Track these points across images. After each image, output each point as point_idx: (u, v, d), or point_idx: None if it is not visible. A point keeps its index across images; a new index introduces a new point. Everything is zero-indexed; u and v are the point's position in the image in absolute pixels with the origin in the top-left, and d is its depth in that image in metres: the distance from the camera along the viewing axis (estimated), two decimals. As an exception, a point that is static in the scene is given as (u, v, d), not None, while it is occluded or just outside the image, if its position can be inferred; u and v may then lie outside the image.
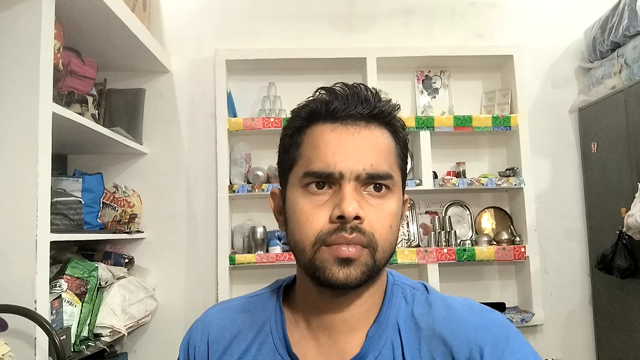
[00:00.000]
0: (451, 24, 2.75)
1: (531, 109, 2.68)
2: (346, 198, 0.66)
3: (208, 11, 2.66)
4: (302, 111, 0.74)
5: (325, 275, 0.67)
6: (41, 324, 1.41)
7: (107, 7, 1.81)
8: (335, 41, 2.67)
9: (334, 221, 0.67)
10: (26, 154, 1.48)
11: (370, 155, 0.69)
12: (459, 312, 0.72)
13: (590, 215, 2.64)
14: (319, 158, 0.69)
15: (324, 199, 0.69)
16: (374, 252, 0.68)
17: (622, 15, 2.27)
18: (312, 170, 0.69)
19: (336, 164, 0.68)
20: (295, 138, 0.73)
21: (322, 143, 0.70)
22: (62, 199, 1.88)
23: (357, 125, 0.70)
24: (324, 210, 0.68)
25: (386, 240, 0.69)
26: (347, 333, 0.73)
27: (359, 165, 0.68)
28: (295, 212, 0.70)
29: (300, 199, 0.70)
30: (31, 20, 1.51)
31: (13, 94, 1.49)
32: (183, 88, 2.61)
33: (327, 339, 0.73)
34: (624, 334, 2.35)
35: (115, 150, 2.41)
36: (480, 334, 0.69)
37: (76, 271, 1.87)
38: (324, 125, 0.71)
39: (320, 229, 0.67)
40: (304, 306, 0.76)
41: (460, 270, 2.61)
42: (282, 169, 0.76)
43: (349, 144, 0.69)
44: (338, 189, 0.68)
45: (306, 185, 0.70)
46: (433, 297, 0.75)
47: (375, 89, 0.73)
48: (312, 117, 0.72)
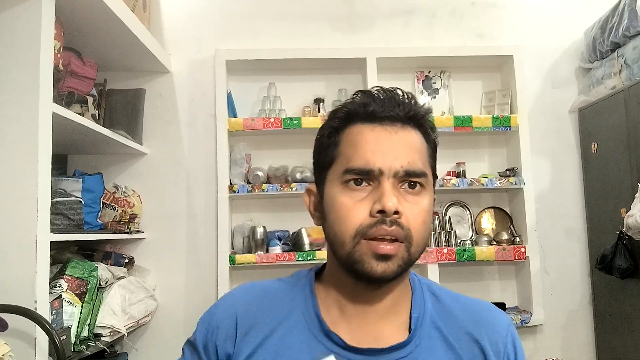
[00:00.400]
0: (451, 24, 2.75)
1: (531, 109, 2.68)
2: (386, 193, 0.71)
3: (208, 11, 2.66)
4: (340, 112, 0.78)
5: (364, 268, 0.71)
6: (41, 324, 1.41)
7: (107, 7, 1.81)
8: (335, 41, 2.67)
9: (374, 215, 0.71)
10: (26, 154, 1.48)
11: (407, 154, 0.73)
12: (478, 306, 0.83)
13: (590, 215, 2.64)
14: (358, 155, 0.73)
15: (363, 195, 0.73)
16: (409, 246, 0.72)
17: (622, 15, 2.27)
18: (352, 167, 0.73)
19: (375, 162, 0.72)
20: (334, 138, 0.77)
21: (361, 142, 0.74)
22: (62, 199, 1.88)
23: (394, 126, 0.75)
24: (364, 205, 0.72)
25: (421, 235, 0.74)
26: (379, 321, 0.77)
27: (397, 163, 0.72)
28: (335, 207, 0.74)
29: (340, 194, 0.74)
30: (31, 20, 1.51)
31: (13, 94, 1.49)
32: (183, 88, 2.61)
33: (359, 326, 0.77)
34: (624, 334, 2.35)
35: (115, 151, 2.41)
36: (505, 330, 0.80)
37: (76, 271, 1.87)
38: (362, 125, 0.75)
39: (360, 222, 0.71)
40: (337, 294, 0.79)
41: (460, 271, 2.61)
42: (319, 167, 0.80)
43: (387, 143, 0.73)
44: (377, 185, 0.72)
45: (346, 182, 0.73)
46: (455, 294, 0.84)
47: (411, 93, 0.78)
48: (351, 117, 0.77)
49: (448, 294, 0.83)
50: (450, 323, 0.79)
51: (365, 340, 0.75)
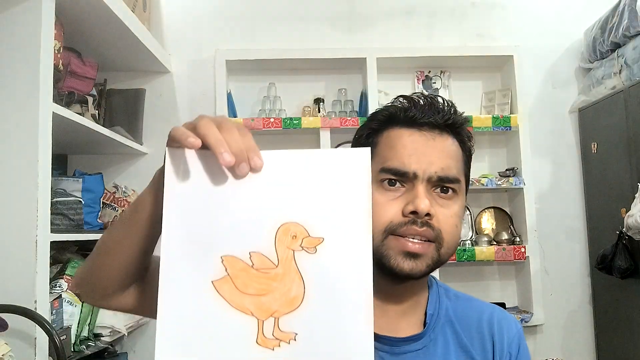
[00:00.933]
0: (451, 24, 2.75)
1: (531, 109, 2.68)
2: (420, 195, 0.73)
3: (208, 12, 2.66)
4: (381, 114, 0.81)
5: (391, 263, 0.73)
6: (41, 324, 1.41)
7: (107, 7, 1.81)
8: (335, 41, 2.67)
9: (406, 215, 0.73)
10: (26, 154, 1.48)
11: (442, 160, 0.76)
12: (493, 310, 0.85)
13: (590, 216, 2.64)
14: (396, 157, 0.75)
15: (396, 195, 0.75)
16: (439, 247, 0.74)
17: (622, 15, 2.27)
18: (389, 167, 0.75)
19: (412, 165, 0.74)
20: (372, 138, 0.80)
21: (399, 145, 0.76)
22: (62, 199, 1.88)
23: (432, 132, 0.77)
24: (396, 204, 0.74)
25: (452, 237, 0.76)
26: (398, 315, 0.80)
27: (432, 168, 0.74)
28: None
29: (375, 192, 0.75)
30: (31, 20, 1.51)
31: (13, 94, 1.49)
32: (183, 88, 2.61)
33: (379, 318, 0.78)
34: (624, 334, 2.35)
35: (116, 151, 2.41)
36: (515, 332, 0.83)
37: (76, 271, 1.87)
38: (401, 129, 0.78)
39: (390, 219, 0.73)
40: None
41: (460, 271, 2.61)
42: None
43: (424, 148, 0.76)
44: (411, 187, 0.75)
45: (381, 181, 0.76)
46: (468, 297, 0.87)
47: (450, 101, 0.80)
48: (390, 121, 0.79)
49: (462, 295, 0.87)
50: (464, 322, 0.82)
51: (384, 329, 0.78)
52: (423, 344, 0.78)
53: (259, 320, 0.57)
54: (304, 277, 0.57)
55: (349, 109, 2.60)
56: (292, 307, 0.57)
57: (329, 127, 2.45)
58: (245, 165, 0.56)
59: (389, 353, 0.77)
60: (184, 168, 0.58)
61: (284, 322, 0.57)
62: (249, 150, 0.57)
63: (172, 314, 0.56)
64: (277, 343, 0.57)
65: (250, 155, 0.57)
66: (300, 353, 0.57)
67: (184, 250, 0.57)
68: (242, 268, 0.57)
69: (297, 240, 0.58)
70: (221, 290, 0.57)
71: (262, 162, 0.57)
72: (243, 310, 0.57)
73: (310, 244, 0.57)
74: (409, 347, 0.78)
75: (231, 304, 0.57)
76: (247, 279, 0.57)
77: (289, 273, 0.57)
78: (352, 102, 2.62)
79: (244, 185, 0.57)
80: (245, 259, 0.57)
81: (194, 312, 0.57)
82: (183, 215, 0.57)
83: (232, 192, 0.57)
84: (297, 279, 0.57)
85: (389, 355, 0.77)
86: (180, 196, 0.57)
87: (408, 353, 0.77)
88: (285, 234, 0.58)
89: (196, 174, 0.57)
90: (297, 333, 0.57)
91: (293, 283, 0.57)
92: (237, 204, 0.58)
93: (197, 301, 0.57)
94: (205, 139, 0.56)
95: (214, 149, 0.55)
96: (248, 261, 0.57)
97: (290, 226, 0.58)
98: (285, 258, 0.57)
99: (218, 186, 0.57)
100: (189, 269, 0.57)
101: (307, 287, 0.57)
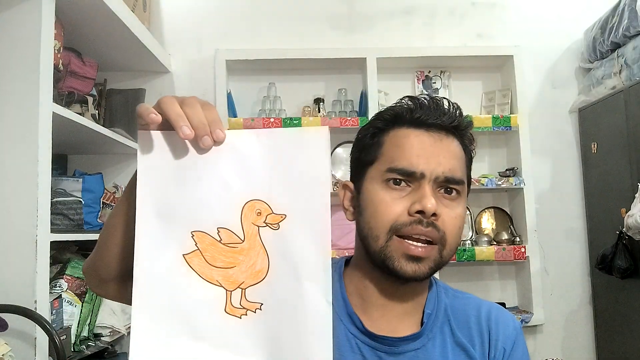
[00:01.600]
0: (451, 24, 2.74)
1: (531, 109, 2.68)
2: (427, 195, 0.73)
3: (208, 11, 2.66)
4: (386, 114, 0.81)
5: (394, 265, 0.74)
6: (41, 324, 1.41)
7: (107, 7, 1.81)
8: (335, 41, 2.67)
9: (412, 215, 0.73)
10: (26, 154, 1.48)
11: (449, 161, 0.76)
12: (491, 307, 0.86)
13: (590, 216, 2.64)
14: (404, 157, 0.76)
15: (402, 194, 0.75)
16: (442, 248, 0.75)
17: (622, 15, 2.27)
18: (397, 167, 0.76)
19: (420, 165, 0.75)
20: (377, 138, 0.80)
21: (407, 145, 0.77)
22: (62, 199, 1.88)
23: (439, 134, 0.77)
24: (402, 203, 0.75)
25: (454, 239, 0.77)
26: (399, 316, 0.81)
27: (439, 168, 0.75)
28: (373, 201, 0.77)
29: (380, 191, 0.77)
30: (31, 20, 1.51)
31: (13, 94, 1.49)
32: (183, 88, 2.61)
33: (380, 318, 0.80)
34: (624, 334, 2.35)
35: (116, 150, 2.41)
36: (512, 329, 0.83)
37: (76, 271, 1.87)
38: (407, 129, 0.78)
39: (396, 218, 0.74)
40: (363, 287, 0.82)
41: (460, 270, 2.61)
42: (359, 164, 0.82)
43: (432, 149, 0.76)
44: (417, 187, 0.75)
45: (387, 180, 0.76)
46: (467, 295, 0.88)
47: (456, 104, 0.80)
48: (396, 120, 0.80)
49: (461, 293, 0.88)
50: (462, 319, 0.82)
51: (382, 329, 0.79)
52: (421, 343, 0.79)
53: (227, 291, 0.61)
54: (268, 252, 0.61)
55: (349, 109, 2.60)
56: (258, 279, 0.61)
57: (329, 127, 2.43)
58: (208, 138, 0.58)
59: (387, 353, 0.78)
60: (154, 149, 0.61)
61: (251, 293, 0.61)
62: (212, 124, 0.58)
63: (147, 285, 0.60)
64: (244, 312, 0.61)
65: (213, 128, 0.58)
66: (265, 320, 0.61)
67: (157, 226, 0.61)
68: (211, 242, 0.61)
69: (261, 217, 0.61)
70: (192, 263, 0.61)
71: (225, 134, 0.60)
72: (212, 281, 0.61)
73: (273, 220, 0.61)
74: (407, 347, 0.78)
75: (201, 275, 0.61)
76: (216, 253, 0.61)
77: (254, 247, 0.61)
78: (352, 102, 2.62)
79: (211, 163, 0.61)
80: (213, 234, 0.61)
81: (167, 284, 0.60)
82: (155, 193, 0.61)
83: (200, 170, 0.61)
84: (261, 253, 0.61)
85: (387, 355, 0.78)
86: (152, 176, 0.61)
87: (406, 352, 0.78)
88: (251, 211, 0.61)
89: (165, 154, 0.61)
90: (263, 303, 0.61)
91: (258, 257, 0.61)
92: (205, 181, 0.61)
93: (169, 273, 0.61)
94: (166, 114, 0.58)
95: (173, 123, 0.57)
96: (216, 236, 0.61)
97: (255, 203, 0.61)
98: (251, 233, 0.61)
99: (187, 164, 0.61)
100: (161, 243, 0.60)
101: (271, 261, 0.61)
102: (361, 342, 0.78)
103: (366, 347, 0.78)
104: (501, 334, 0.82)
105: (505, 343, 0.81)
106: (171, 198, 0.61)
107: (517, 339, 0.83)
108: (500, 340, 0.81)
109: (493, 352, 0.81)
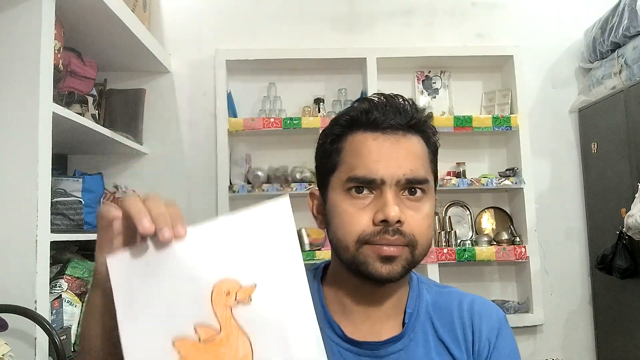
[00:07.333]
0: (451, 24, 2.75)
1: (531, 109, 2.68)
2: (389, 203, 0.72)
3: (208, 11, 2.66)
4: (342, 119, 0.79)
5: (369, 270, 0.73)
6: (41, 324, 1.41)
7: (107, 7, 1.81)
8: (335, 41, 2.67)
9: (377, 224, 0.72)
10: (26, 154, 1.47)
11: (409, 162, 0.74)
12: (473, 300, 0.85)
13: (590, 216, 2.64)
14: (362, 165, 0.74)
15: (365, 203, 0.74)
16: (413, 249, 0.74)
17: (622, 15, 2.27)
18: (356, 176, 0.74)
19: (378, 171, 0.73)
20: (336, 144, 0.79)
21: (364, 150, 0.75)
22: (62, 199, 1.88)
23: (396, 134, 0.75)
24: (366, 213, 0.73)
25: (425, 238, 0.75)
26: (383, 319, 0.80)
27: (400, 171, 0.73)
28: (338, 213, 0.76)
29: (343, 201, 0.75)
30: (31, 20, 1.51)
31: (13, 94, 1.49)
32: (183, 88, 2.61)
33: (363, 322, 0.80)
34: (624, 334, 2.35)
35: (115, 151, 2.41)
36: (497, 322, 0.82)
37: (76, 271, 1.87)
38: (364, 133, 0.76)
39: (363, 229, 0.73)
40: (341, 294, 0.81)
41: (460, 271, 2.61)
42: (322, 172, 0.81)
43: (390, 152, 0.74)
44: (379, 193, 0.74)
45: (349, 189, 0.75)
46: (452, 290, 0.86)
47: (411, 100, 0.78)
48: (352, 125, 0.78)
49: (443, 288, 0.86)
50: (444, 314, 0.81)
51: (366, 334, 0.78)
52: (404, 344, 0.78)
53: None
54: (247, 332, 0.58)
55: (349, 109, 2.60)
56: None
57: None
58: (167, 230, 0.56)
59: (371, 357, 0.77)
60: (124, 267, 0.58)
61: None
62: (173, 218, 0.57)
63: None
64: None
65: (174, 223, 0.56)
66: None
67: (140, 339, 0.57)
68: (192, 345, 0.57)
69: (231, 296, 0.58)
70: None
71: (186, 230, 0.57)
72: None
73: (244, 294, 0.58)
74: (390, 349, 0.78)
75: None
76: (198, 355, 0.57)
77: (232, 333, 0.57)
78: (352, 102, 2.60)
79: (177, 260, 0.58)
80: (192, 335, 0.58)
81: None
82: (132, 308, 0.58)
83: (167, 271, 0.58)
84: (240, 336, 0.57)
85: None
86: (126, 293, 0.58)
87: (389, 355, 0.77)
88: (219, 294, 0.58)
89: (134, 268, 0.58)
90: None
91: (238, 342, 0.57)
92: (173, 281, 0.58)
93: None
94: (127, 210, 0.56)
95: (134, 217, 0.55)
96: (195, 336, 0.57)
97: (221, 284, 0.58)
98: (225, 319, 0.57)
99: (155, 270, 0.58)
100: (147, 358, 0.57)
101: (254, 341, 0.57)
102: (344, 350, 0.78)
103: (349, 353, 0.77)
104: (485, 326, 0.81)
105: (490, 334, 0.80)
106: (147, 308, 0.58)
107: (501, 328, 0.82)
108: (484, 332, 0.80)
109: (477, 345, 0.80)
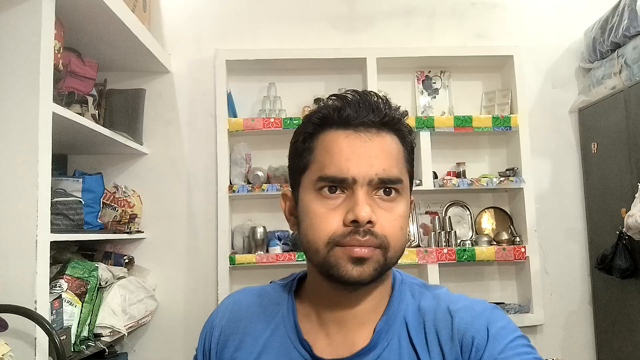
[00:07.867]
0: (451, 24, 2.75)
1: (531, 109, 2.68)
2: (359, 203, 0.69)
3: (208, 11, 2.66)
4: (314, 117, 0.76)
5: (340, 272, 0.70)
6: (41, 324, 1.41)
7: (107, 7, 1.81)
8: (335, 41, 2.67)
9: (348, 225, 0.70)
10: (26, 154, 1.48)
11: (382, 161, 0.71)
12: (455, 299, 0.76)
13: (590, 216, 2.64)
14: (332, 163, 0.71)
15: (337, 203, 0.71)
16: (385, 251, 0.71)
17: (622, 15, 2.27)
18: (326, 175, 0.71)
19: (349, 170, 0.70)
20: (308, 143, 0.76)
21: (335, 149, 0.72)
22: (62, 199, 1.88)
23: (368, 132, 0.72)
24: (337, 213, 0.71)
25: (397, 240, 0.72)
26: (356, 327, 0.76)
27: (372, 171, 0.70)
28: (309, 214, 0.73)
29: (314, 201, 0.73)
30: (31, 20, 1.51)
31: (13, 94, 1.49)
32: (183, 88, 2.61)
33: (337, 332, 0.76)
34: (624, 334, 2.35)
35: (115, 151, 2.41)
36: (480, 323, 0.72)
37: (76, 271, 1.87)
38: (336, 131, 0.73)
39: (333, 231, 0.70)
40: (316, 300, 0.78)
41: (460, 271, 2.61)
42: (294, 172, 0.79)
43: (362, 150, 0.71)
44: (351, 193, 0.71)
45: (320, 189, 0.72)
46: (438, 292, 0.78)
47: (385, 97, 0.76)
48: (324, 123, 0.75)
49: (432, 290, 0.79)
50: (421, 324, 0.74)
51: (340, 347, 0.75)
52: (377, 354, 0.73)
53: None
54: None
55: (349, 109, 2.59)
56: None
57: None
58: None
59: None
60: None
61: None
62: None
63: None
64: None
65: None
66: None
67: None
68: None
69: None
70: None
71: None
72: None
73: None
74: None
75: None
76: None
77: None
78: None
79: None
80: None
81: None
82: None
83: None
84: None
85: None
86: None
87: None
88: None
89: None
90: None
91: None
92: None
93: None
94: None
95: None
96: None
97: None
98: None
99: None
100: None
101: None
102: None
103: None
104: (465, 324, 0.71)
105: (476, 332, 0.70)
106: None
107: (489, 328, 0.71)
108: (474, 342, 0.70)
109: (458, 345, 0.70)
